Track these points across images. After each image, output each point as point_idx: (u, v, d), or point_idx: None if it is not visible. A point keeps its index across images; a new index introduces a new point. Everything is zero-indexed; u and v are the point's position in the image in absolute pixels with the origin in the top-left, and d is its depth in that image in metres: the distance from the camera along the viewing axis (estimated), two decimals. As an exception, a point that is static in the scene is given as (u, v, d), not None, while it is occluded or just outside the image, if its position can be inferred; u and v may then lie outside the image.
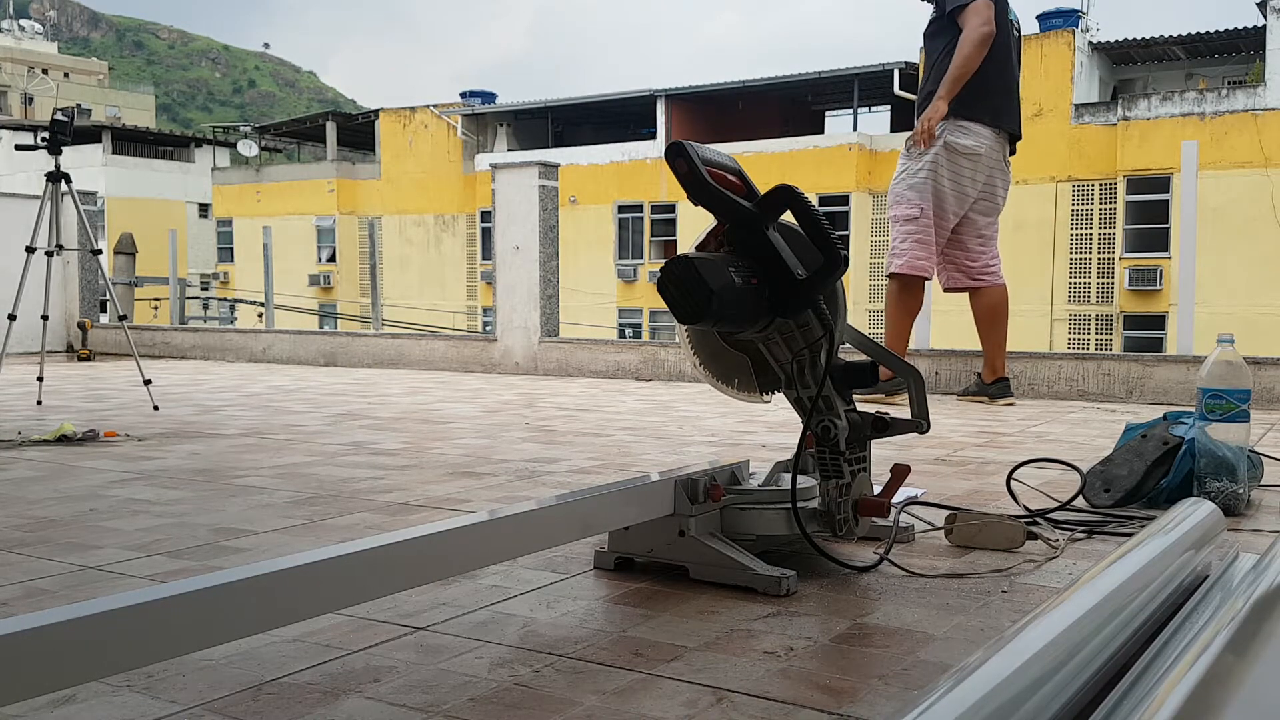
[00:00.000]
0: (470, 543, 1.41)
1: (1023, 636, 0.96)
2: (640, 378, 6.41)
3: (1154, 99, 18.92)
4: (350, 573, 1.23)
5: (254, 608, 1.12)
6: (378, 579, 1.28)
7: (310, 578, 1.18)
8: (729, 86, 24.56)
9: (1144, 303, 19.43)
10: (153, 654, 1.05)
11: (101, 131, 34.33)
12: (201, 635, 1.08)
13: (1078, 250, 20.01)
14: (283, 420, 4.10)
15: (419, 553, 1.32)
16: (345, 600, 1.27)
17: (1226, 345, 2.22)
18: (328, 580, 1.20)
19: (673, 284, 1.62)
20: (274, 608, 1.15)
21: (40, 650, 0.93)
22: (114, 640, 0.99)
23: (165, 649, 1.06)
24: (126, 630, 1.00)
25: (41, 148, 4.76)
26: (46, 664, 0.94)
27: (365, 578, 1.25)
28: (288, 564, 1.17)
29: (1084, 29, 20.55)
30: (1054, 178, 19.91)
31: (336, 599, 1.25)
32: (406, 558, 1.30)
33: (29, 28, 65.78)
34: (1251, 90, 18.22)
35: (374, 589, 1.30)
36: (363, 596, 1.30)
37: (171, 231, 14.98)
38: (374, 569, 1.26)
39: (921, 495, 2.39)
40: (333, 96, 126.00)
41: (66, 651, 0.95)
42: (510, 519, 1.49)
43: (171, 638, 1.04)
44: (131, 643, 1.01)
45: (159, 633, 1.03)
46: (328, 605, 1.26)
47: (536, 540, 1.59)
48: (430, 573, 1.42)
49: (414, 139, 28.02)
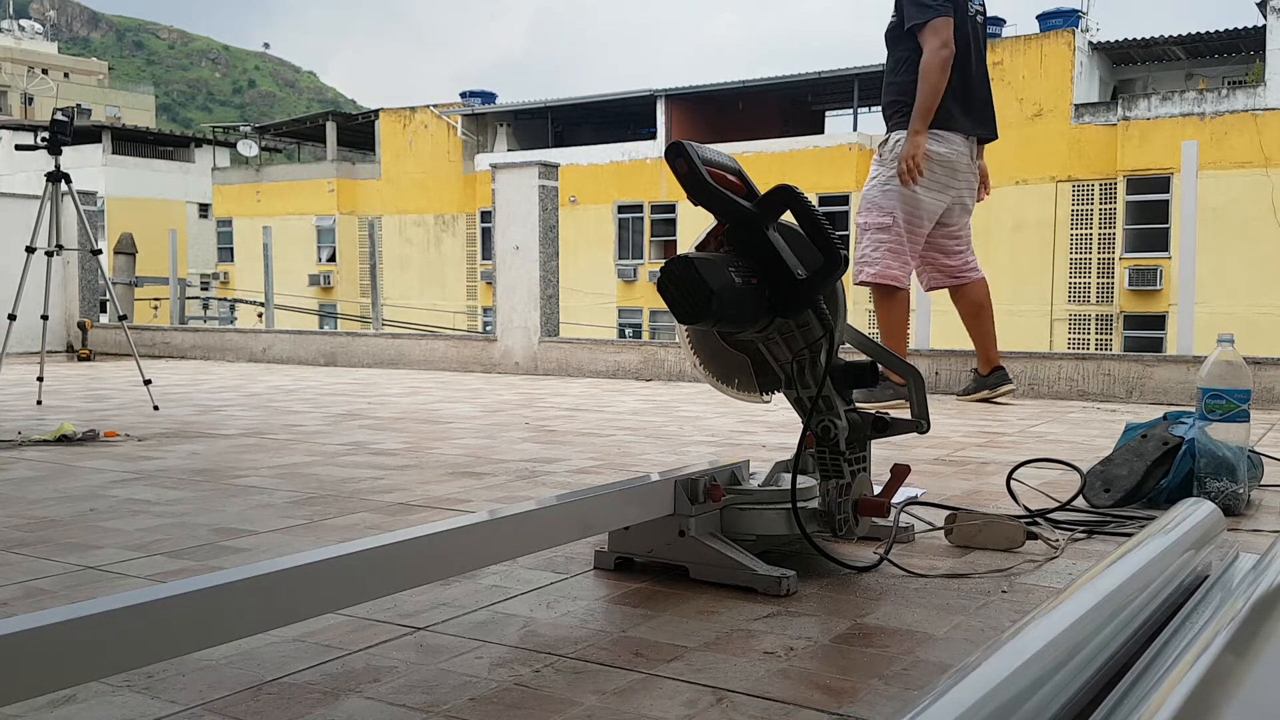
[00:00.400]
0: (471, 543, 1.41)
1: (1023, 636, 0.96)
2: (640, 378, 6.41)
3: (1154, 99, 18.92)
4: (351, 573, 1.23)
5: (254, 608, 1.12)
6: (378, 579, 1.28)
7: (311, 578, 1.18)
8: (729, 86, 24.57)
9: (1144, 303, 19.44)
10: (153, 654, 1.05)
11: (101, 131, 34.34)
12: (202, 635, 1.08)
13: (1078, 250, 20.01)
14: (283, 420, 4.10)
15: (419, 553, 1.32)
16: (346, 600, 1.27)
17: (1226, 345, 2.22)
18: (328, 580, 1.20)
19: (673, 284, 1.63)
20: (274, 607, 1.15)
21: (40, 650, 0.93)
22: (114, 640, 0.99)
23: (165, 649, 1.06)
24: (126, 630, 1.00)
25: (41, 148, 4.76)
26: (46, 664, 0.94)
27: (366, 578, 1.25)
28: (288, 564, 1.17)
29: (1084, 29, 20.55)
30: (1054, 178, 19.92)
31: (337, 599, 1.25)
32: (407, 557, 1.30)
33: (29, 28, 65.78)
34: (1251, 90, 18.22)
35: (374, 589, 1.30)
36: (363, 596, 1.30)
37: (171, 231, 14.97)
38: (374, 569, 1.26)
39: (921, 495, 2.39)
40: (333, 96, 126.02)
41: (66, 651, 0.95)
42: (510, 519, 1.49)
43: (172, 638, 1.04)
44: (131, 642, 1.01)
45: (159, 632, 1.03)
46: (328, 605, 1.26)
47: (537, 540, 1.59)
48: (431, 573, 1.42)
49: (414, 139, 28.03)
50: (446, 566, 1.44)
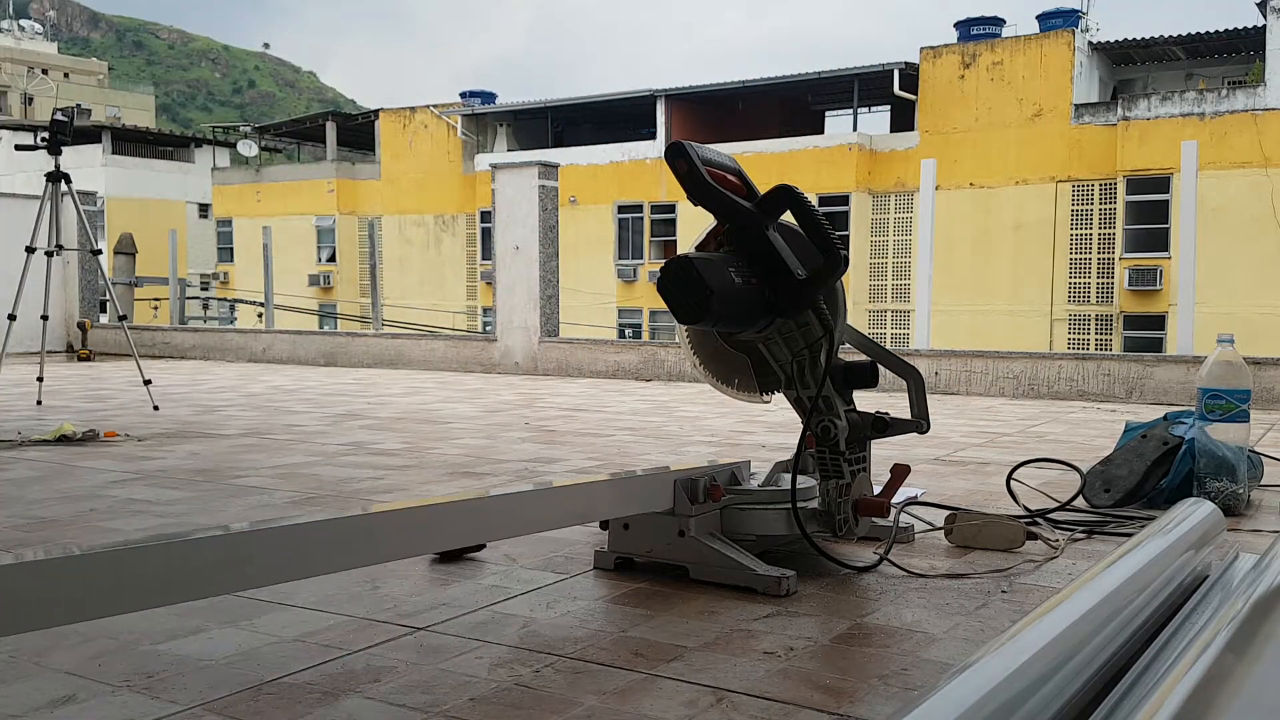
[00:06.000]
0: (479, 515, 1.43)
1: (1023, 636, 0.96)
2: (640, 378, 6.41)
3: (1154, 99, 18.91)
4: (356, 532, 1.25)
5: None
6: (380, 544, 1.31)
7: (309, 536, 1.20)
8: (729, 86, 24.54)
9: (1144, 303, 19.43)
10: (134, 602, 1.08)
11: (101, 131, 34.30)
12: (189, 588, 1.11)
13: (1078, 250, 20.00)
14: (283, 420, 4.10)
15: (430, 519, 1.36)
16: (341, 564, 1.30)
17: (1226, 345, 2.22)
18: (321, 542, 1.23)
19: (673, 284, 1.62)
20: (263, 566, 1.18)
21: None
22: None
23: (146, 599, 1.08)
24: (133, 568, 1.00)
25: (41, 148, 4.76)
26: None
27: (374, 535, 1.28)
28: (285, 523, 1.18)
29: (1084, 29, 20.53)
30: (1054, 178, 19.90)
31: (330, 562, 1.28)
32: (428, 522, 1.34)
33: (29, 28, 65.72)
34: (1251, 90, 18.20)
35: (365, 556, 1.33)
36: (366, 559, 1.33)
37: (171, 231, 14.96)
38: (382, 531, 1.29)
39: (921, 495, 2.39)
40: (333, 96, 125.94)
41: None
42: (516, 497, 1.49)
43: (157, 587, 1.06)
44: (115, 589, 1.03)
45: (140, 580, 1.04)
46: (314, 569, 1.28)
47: (542, 521, 1.61)
48: (447, 538, 1.45)
49: (414, 139, 28.01)
50: (458, 536, 1.46)
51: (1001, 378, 5.19)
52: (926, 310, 18.94)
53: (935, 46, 20.69)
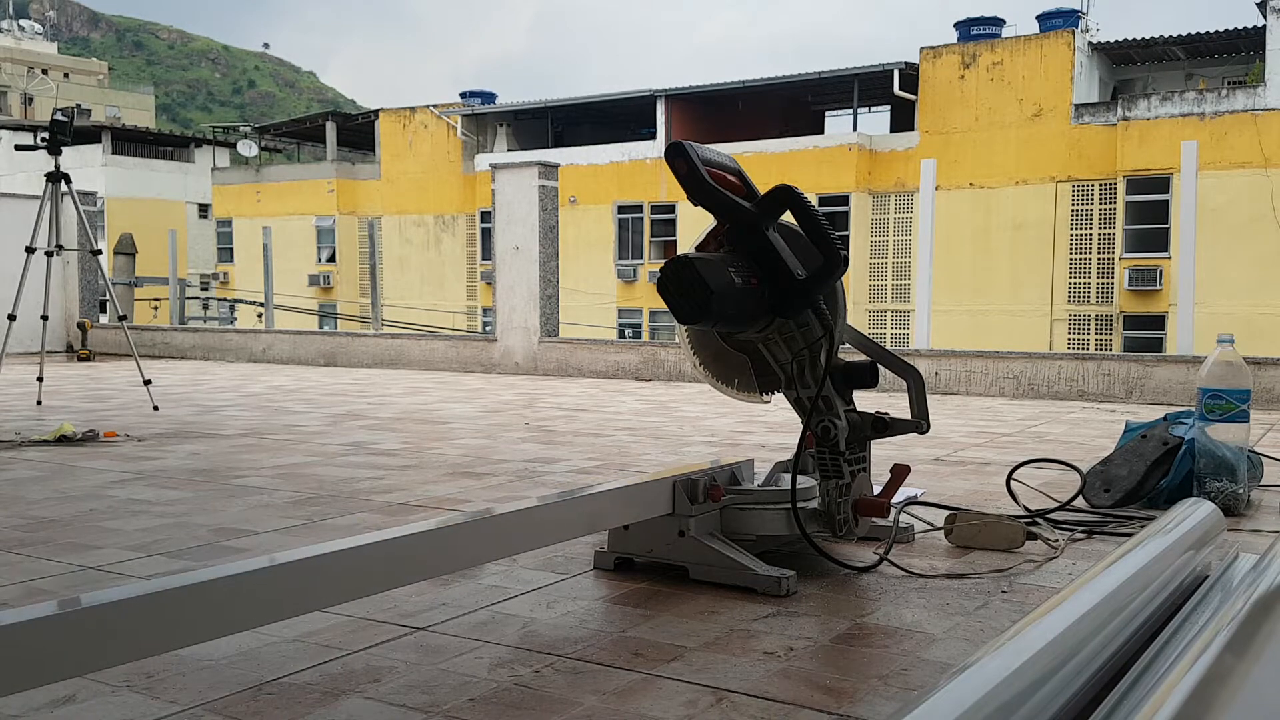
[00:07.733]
0: (472, 539, 1.41)
1: (1023, 636, 0.96)
2: (640, 378, 6.41)
3: (1154, 99, 18.91)
4: (353, 567, 1.23)
5: (255, 603, 1.12)
6: (380, 575, 1.28)
7: (313, 572, 1.18)
8: (729, 86, 24.55)
9: (1144, 303, 19.43)
10: (146, 650, 1.05)
11: (101, 132, 34.31)
12: (198, 631, 1.08)
13: (1078, 250, 20.00)
14: (283, 420, 4.10)
15: (422, 549, 1.33)
16: (347, 595, 1.27)
17: (1226, 345, 2.22)
18: (330, 575, 1.20)
19: (673, 284, 1.62)
20: (274, 603, 1.15)
21: (36, 644, 0.94)
22: (113, 634, 0.99)
23: (160, 644, 1.06)
24: (123, 624, 1.00)
25: (41, 148, 4.76)
26: (42, 657, 0.94)
27: (368, 573, 1.26)
28: (287, 559, 1.17)
29: (1084, 29, 20.53)
30: (1054, 178, 19.90)
31: (337, 594, 1.25)
32: (408, 554, 1.31)
33: (29, 28, 65.71)
34: (1251, 90, 18.21)
35: (375, 585, 1.30)
36: (363, 592, 1.30)
37: (171, 231, 14.96)
38: (376, 565, 1.26)
39: (921, 495, 2.39)
40: (333, 97, 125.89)
41: (63, 645, 0.95)
42: (511, 516, 1.49)
43: (167, 632, 1.04)
44: (129, 637, 1.01)
45: (155, 627, 1.03)
46: (326, 601, 1.26)
47: (541, 537, 1.59)
48: (434, 568, 1.42)
49: (414, 139, 28.02)
50: (453, 561, 1.44)
51: (1001, 378, 5.19)
52: (926, 310, 18.94)
53: (935, 47, 20.68)
